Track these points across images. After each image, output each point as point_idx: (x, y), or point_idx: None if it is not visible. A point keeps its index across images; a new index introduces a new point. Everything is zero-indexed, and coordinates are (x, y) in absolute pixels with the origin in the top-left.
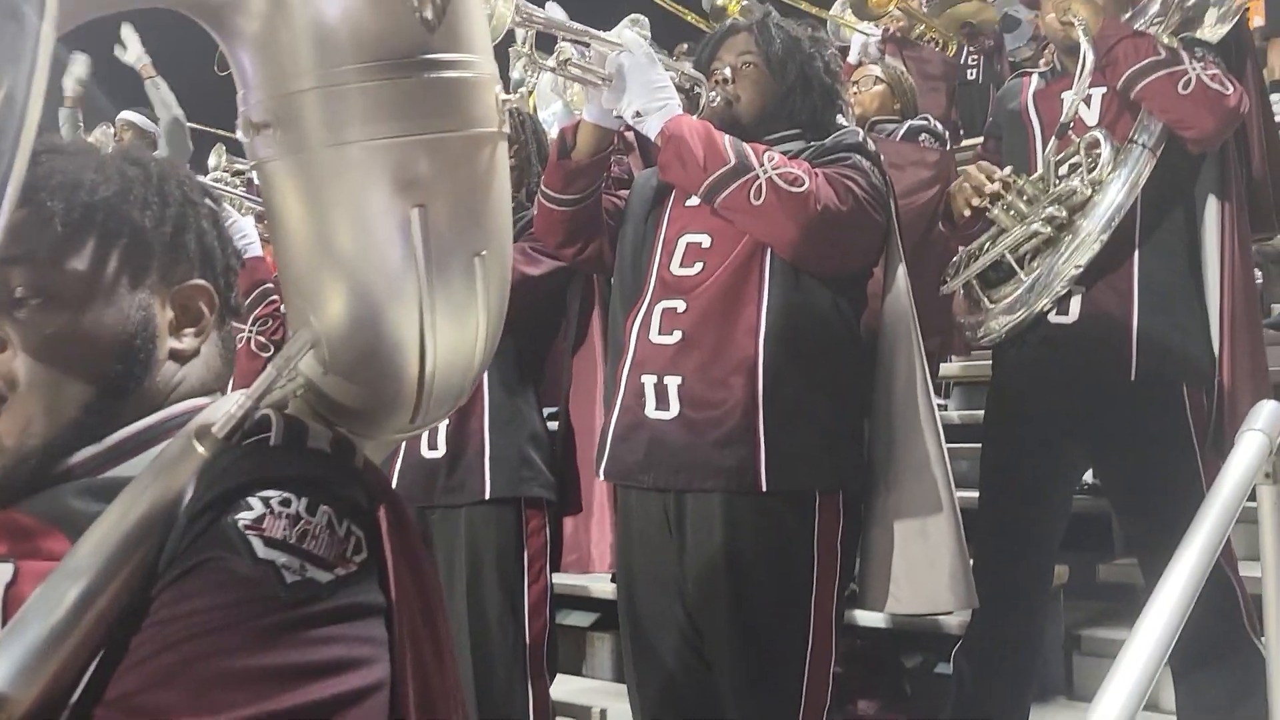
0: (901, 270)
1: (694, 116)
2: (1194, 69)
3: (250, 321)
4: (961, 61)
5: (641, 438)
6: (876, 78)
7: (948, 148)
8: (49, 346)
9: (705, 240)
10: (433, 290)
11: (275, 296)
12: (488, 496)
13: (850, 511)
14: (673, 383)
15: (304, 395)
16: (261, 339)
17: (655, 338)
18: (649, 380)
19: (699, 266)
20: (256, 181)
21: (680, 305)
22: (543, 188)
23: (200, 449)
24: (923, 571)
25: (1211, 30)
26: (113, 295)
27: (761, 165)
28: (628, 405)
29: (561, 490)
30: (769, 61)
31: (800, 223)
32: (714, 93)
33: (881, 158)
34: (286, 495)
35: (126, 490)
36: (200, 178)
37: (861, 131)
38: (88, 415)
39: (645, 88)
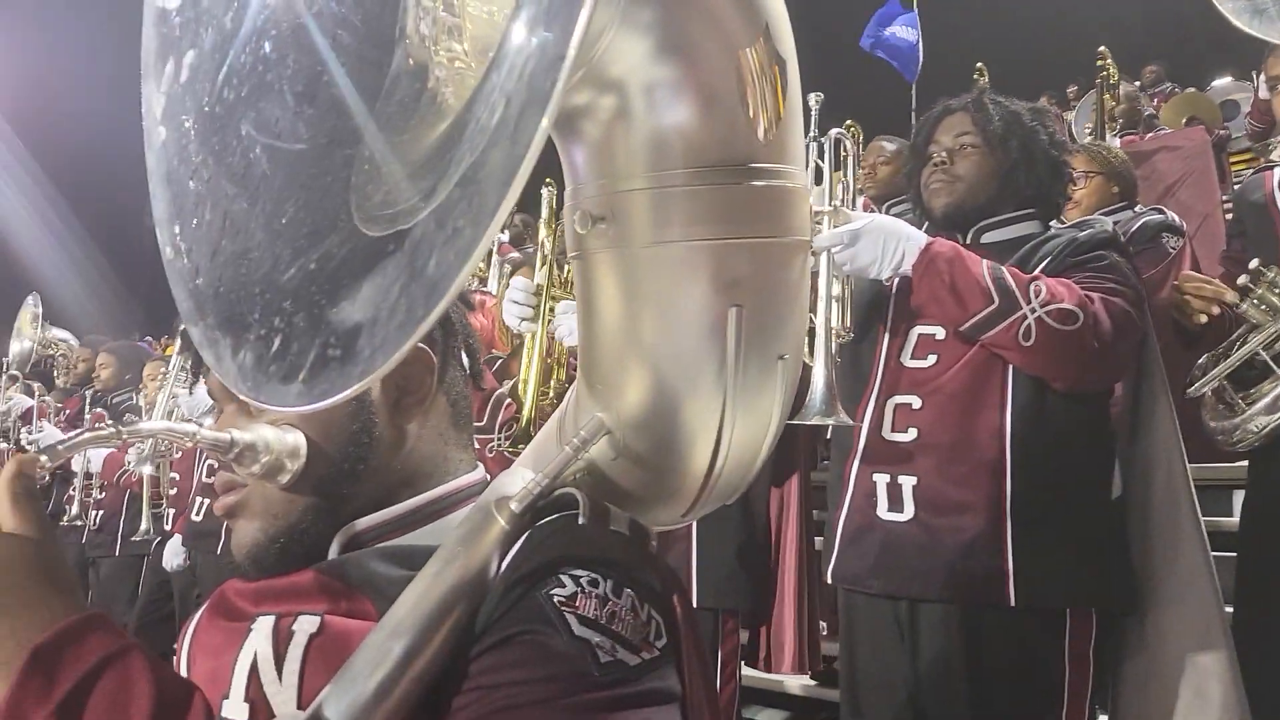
0: (1160, 371)
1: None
2: None
3: (498, 430)
4: None
5: (872, 540)
6: (1085, 173)
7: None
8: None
9: (939, 332)
10: (736, 389)
11: (509, 400)
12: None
13: (1105, 628)
14: (907, 483)
15: (581, 478)
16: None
17: (888, 434)
18: (881, 479)
19: (933, 359)
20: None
21: (915, 401)
22: None
23: (501, 521)
24: (1188, 703)
25: None
26: None
27: (1029, 301)
28: (857, 505)
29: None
30: (988, 139)
31: (1078, 360)
32: (934, 176)
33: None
34: (594, 575)
35: (435, 557)
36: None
37: (1110, 222)
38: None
39: (883, 249)
